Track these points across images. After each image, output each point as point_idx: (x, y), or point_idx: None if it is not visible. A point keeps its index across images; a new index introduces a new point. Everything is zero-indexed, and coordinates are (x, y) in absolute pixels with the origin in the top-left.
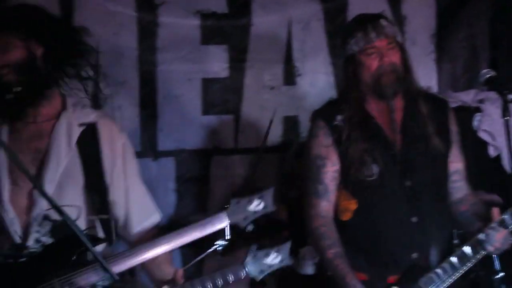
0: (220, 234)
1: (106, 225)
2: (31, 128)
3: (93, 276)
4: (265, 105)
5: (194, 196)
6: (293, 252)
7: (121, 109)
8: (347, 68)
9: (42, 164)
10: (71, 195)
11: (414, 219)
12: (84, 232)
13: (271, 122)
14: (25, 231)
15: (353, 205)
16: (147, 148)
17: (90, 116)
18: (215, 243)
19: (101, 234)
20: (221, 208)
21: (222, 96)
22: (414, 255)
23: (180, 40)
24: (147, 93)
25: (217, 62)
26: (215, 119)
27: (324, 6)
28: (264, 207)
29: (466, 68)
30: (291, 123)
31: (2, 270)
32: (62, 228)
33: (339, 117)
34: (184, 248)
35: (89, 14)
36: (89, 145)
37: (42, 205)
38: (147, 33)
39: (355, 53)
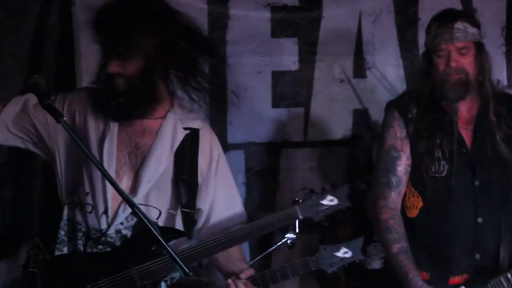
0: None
1: (188, 219)
2: (138, 123)
3: (170, 267)
4: (335, 98)
5: (263, 189)
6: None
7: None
8: (421, 61)
9: (142, 161)
10: (164, 191)
11: (479, 220)
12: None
13: None
14: (111, 220)
15: (420, 202)
16: None
17: (195, 121)
18: (284, 236)
19: (180, 227)
20: (293, 202)
21: (292, 89)
22: (477, 256)
23: (250, 33)
24: (217, 85)
25: (287, 55)
26: (284, 112)
27: None
28: (338, 203)
29: None
30: (360, 116)
31: (83, 258)
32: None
33: (414, 110)
34: (252, 241)
35: None
36: (188, 148)
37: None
38: (218, 25)
39: (429, 50)
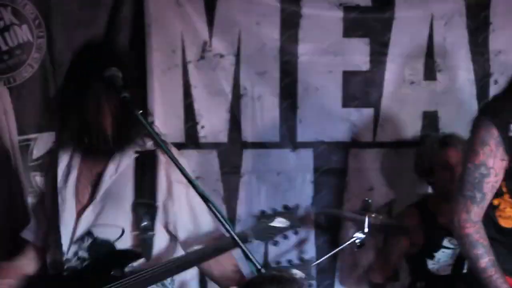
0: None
1: (146, 241)
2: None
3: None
4: (405, 99)
5: (331, 188)
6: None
7: (261, 99)
8: None
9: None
10: (115, 214)
11: None
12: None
13: None
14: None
15: None
16: (286, 138)
17: (147, 144)
18: (353, 236)
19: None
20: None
21: (362, 89)
22: None
23: (322, 32)
24: (288, 84)
25: (358, 55)
26: (354, 112)
27: (467, 2)
28: (288, 225)
29: None
30: (430, 118)
31: (46, 282)
32: (99, 246)
33: None
34: (319, 240)
35: (232, 4)
36: (145, 169)
37: (87, 222)
38: (290, 24)
39: None
